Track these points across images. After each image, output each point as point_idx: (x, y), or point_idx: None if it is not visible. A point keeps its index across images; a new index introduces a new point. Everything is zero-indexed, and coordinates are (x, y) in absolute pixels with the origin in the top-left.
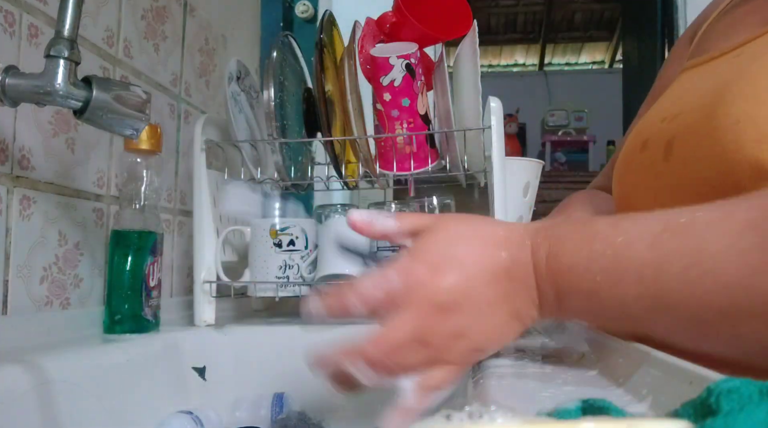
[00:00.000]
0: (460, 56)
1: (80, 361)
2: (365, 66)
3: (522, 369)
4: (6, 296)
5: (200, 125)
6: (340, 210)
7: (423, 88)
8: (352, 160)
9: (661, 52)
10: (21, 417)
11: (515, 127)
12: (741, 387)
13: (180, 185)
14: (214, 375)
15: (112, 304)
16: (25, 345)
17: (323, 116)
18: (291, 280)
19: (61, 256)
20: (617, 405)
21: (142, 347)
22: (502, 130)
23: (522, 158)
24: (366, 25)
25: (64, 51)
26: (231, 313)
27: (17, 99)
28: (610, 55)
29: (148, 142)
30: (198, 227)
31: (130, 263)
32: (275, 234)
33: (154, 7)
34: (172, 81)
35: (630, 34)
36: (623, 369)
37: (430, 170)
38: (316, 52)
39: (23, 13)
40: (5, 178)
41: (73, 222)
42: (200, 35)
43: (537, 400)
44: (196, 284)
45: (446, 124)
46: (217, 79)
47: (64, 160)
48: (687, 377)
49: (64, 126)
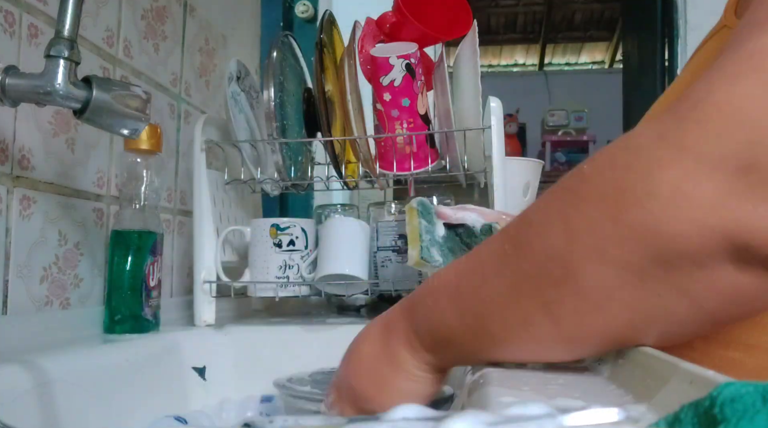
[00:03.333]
0: (460, 56)
1: (80, 361)
2: (365, 66)
3: (522, 369)
4: (6, 296)
5: (200, 125)
6: (340, 210)
7: (423, 88)
8: (352, 160)
9: (661, 52)
10: (21, 417)
11: (515, 127)
12: (744, 394)
13: (180, 185)
14: (214, 375)
15: (112, 304)
16: (25, 345)
17: (323, 116)
18: (291, 280)
19: (61, 256)
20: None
21: (142, 347)
22: (502, 130)
23: (522, 158)
24: (366, 25)
25: (64, 51)
26: (231, 313)
27: (17, 99)
28: (610, 55)
29: (148, 142)
30: (198, 227)
31: (130, 263)
32: (275, 234)
33: (154, 7)
34: (172, 81)
35: (630, 34)
36: (623, 369)
37: (430, 170)
38: (316, 52)
39: (23, 13)
40: (5, 178)
41: (73, 222)
42: (200, 35)
43: (534, 397)
44: (196, 284)
45: (446, 124)
46: (217, 79)
47: (64, 160)
48: (687, 377)
49: (64, 126)
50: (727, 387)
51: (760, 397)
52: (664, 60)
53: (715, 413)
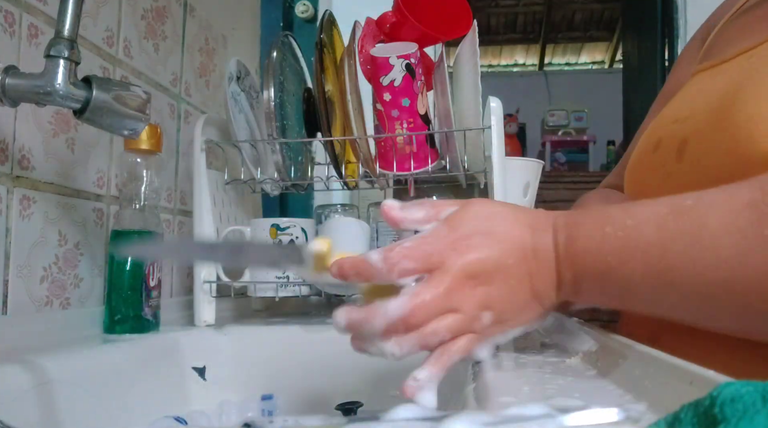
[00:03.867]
0: (460, 56)
1: (80, 361)
2: (365, 66)
3: (522, 369)
4: (6, 296)
5: (200, 125)
6: (340, 210)
7: (423, 88)
8: (352, 160)
9: (661, 52)
10: (21, 417)
11: (515, 127)
12: (744, 394)
13: (180, 185)
14: (214, 375)
15: (112, 304)
16: (25, 345)
17: (323, 116)
18: (291, 280)
19: (61, 256)
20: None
21: (142, 347)
22: (502, 130)
23: (522, 158)
24: (366, 25)
25: (64, 51)
26: (231, 313)
27: (17, 99)
28: (610, 55)
29: (148, 142)
30: (198, 227)
31: (130, 263)
32: (275, 234)
33: (154, 7)
34: (172, 81)
35: (630, 34)
36: (623, 369)
37: (430, 170)
38: (316, 52)
39: (23, 13)
40: (5, 178)
41: (73, 222)
42: (200, 35)
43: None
44: (196, 284)
45: (446, 124)
46: (217, 79)
47: (64, 160)
48: (687, 377)
49: (64, 126)
50: (727, 387)
51: (760, 397)
52: (664, 60)
53: (715, 412)
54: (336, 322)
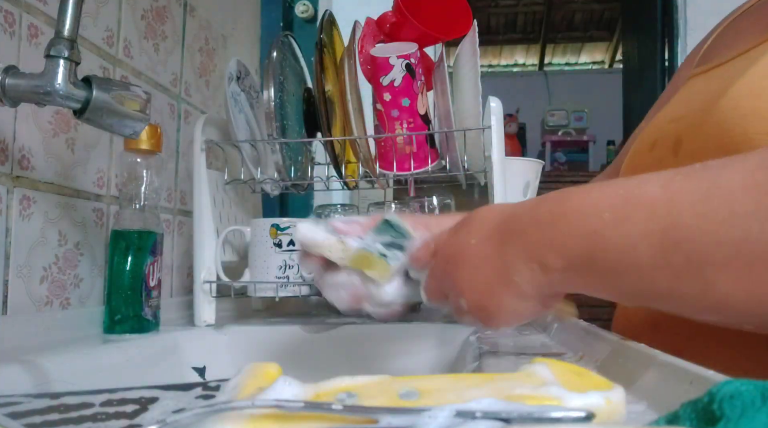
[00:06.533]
0: (460, 56)
1: (80, 361)
2: (365, 66)
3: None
4: (6, 296)
5: (200, 125)
6: (340, 210)
7: (423, 88)
8: (352, 160)
9: (661, 52)
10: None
11: (515, 127)
12: (744, 392)
13: (180, 185)
14: (214, 375)
15: (112, 304)
16: (25, 345)
17: (323, 116)
18: (291, 280)
19: (61, 256)
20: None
21: (142, 347)
22: (502, 130)
23: (522, 158)
24: (366, 25)
25: (64, 51)
26: (231, 313)
27: (17, 99)
28: (610, 55)
29: (148, 142)
30: (198, 227)
31: (130, 263)
32: (275, 234)
33: (154, 7)
34: (172, 81)
35: (630, 34)
36: (623, 369)
37: (430, 170)
38: (316, 52)
39: (23, 13)
40: (5, 178)
41: (73, 222)
42: (200, 35)
43: None
44: (196, 284)
45: (446, 124)
46: (217, 79)
47: (64, 160)
48: (687, 377)
49: (64, 126)
50: (726, 385)
51: (760, 395)
52: (664, 60)
53: (713, 409)
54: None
